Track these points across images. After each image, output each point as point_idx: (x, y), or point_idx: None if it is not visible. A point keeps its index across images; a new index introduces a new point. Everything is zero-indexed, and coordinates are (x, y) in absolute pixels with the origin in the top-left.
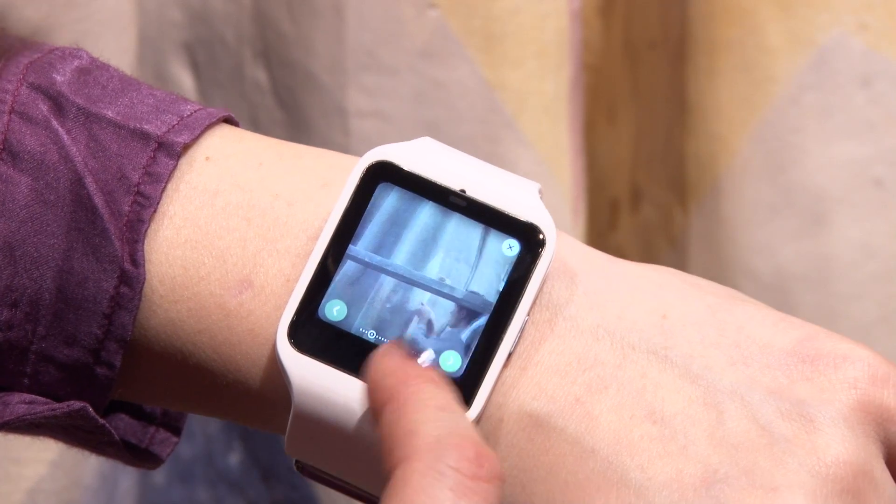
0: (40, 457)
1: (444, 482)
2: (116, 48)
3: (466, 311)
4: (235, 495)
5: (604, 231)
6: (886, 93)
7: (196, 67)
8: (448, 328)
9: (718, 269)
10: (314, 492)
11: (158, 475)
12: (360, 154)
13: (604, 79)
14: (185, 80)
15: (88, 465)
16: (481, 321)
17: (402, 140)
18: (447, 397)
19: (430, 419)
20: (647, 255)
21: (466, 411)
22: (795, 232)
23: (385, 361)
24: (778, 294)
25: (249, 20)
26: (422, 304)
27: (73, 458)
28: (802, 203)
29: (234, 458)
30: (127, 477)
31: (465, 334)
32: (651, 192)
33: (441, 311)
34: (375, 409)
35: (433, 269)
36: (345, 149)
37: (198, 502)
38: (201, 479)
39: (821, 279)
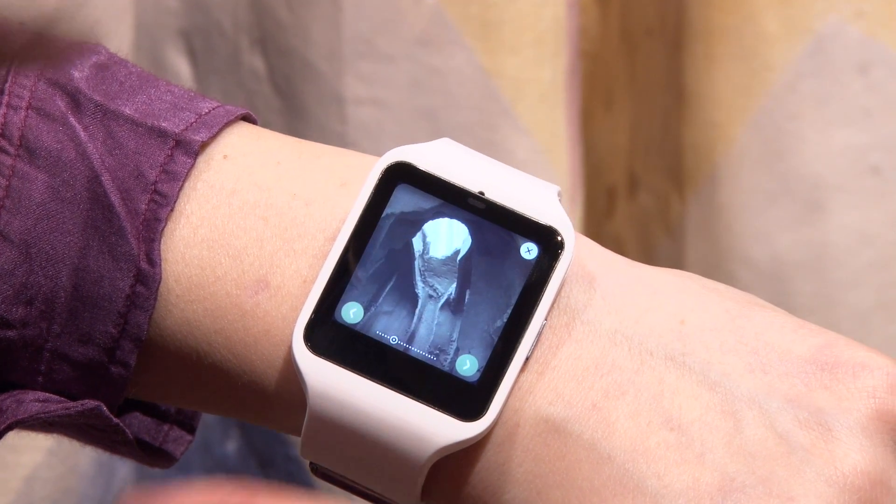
0: (37, 444)
1: None
2: (113, 36)
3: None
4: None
5: (601, 219)
6: (884, 80)
7: (193, 55)
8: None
9: (715, 257)
10: (311, 480)
11: None
12: (357, 143)
13: (601, 66)
14: (181, 68)
15: (85, 453)
16: (499, 324)
17: (399, 128)
18: None
19: None
20: (644, 243)
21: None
22: (793, 220)
23: None
24: (775, 282)
25: (246, 8)
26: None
27: (70, 446)
28: (800, 191)
29: (231, 446)
30: (124, 465)
31: (483, 338)
32: (648, 180)
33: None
34: None
35: None
36: (342, 136)
37: None
38: (198, 467)
39: (818, 267)
